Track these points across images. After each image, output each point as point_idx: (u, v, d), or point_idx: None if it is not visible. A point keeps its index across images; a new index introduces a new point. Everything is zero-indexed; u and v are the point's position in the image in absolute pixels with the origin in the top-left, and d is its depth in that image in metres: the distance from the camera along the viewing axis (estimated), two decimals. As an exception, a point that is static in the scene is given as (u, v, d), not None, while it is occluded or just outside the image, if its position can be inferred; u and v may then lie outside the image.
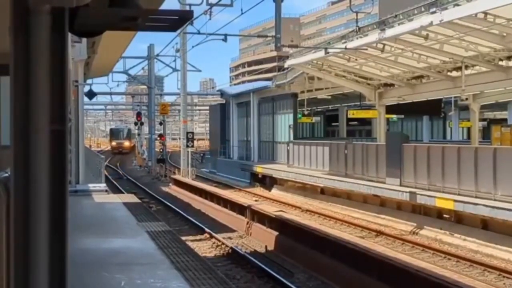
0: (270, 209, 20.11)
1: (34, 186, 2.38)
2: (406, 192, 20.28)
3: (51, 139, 2.39)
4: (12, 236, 2.41)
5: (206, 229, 19.85)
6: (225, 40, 23.79)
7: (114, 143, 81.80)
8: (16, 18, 2.39)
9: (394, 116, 35.41)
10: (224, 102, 47.86)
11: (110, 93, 55.26)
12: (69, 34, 2.60)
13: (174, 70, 46.03)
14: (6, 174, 3.35)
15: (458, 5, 16.96)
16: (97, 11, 2.73)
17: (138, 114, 52.80)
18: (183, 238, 16.54)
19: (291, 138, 34.21)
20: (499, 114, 40.70)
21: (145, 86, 54.60)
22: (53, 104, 2.41)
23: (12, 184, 2.41)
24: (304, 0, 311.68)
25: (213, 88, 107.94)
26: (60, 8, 2.39)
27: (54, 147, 2.40)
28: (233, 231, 20.61)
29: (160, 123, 52.39)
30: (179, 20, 3.00)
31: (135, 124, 53.97)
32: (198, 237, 19.29)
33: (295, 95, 34.71)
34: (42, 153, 2.38)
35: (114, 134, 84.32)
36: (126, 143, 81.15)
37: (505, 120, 36.62)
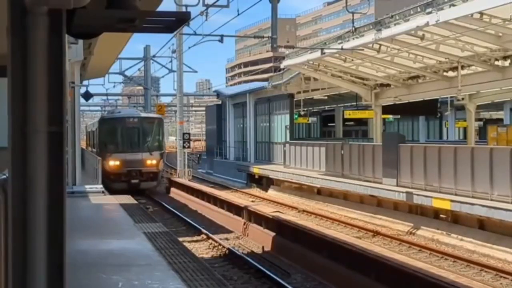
0: (267, 210, 20.10)
1: (32, 187, 2.37)
2: (402, 192, 20.27)
3: (49, 140, 2.39)
4: (10, 238, 2.40)
5: (203, 230, 19.84)
6: (221, 41, 23.76)
7: (113, 163, 30.58)
8: (13, 20, 2.37)
9: (390, 117, 35.48)
10: (220, 103, 47.82)
11: (107, 94, 55.23)
12: (66, 36, 2.58)
13: (171, 71, 46.00)
14: (4, 176, 3.34)
15: (454, 5, 16.97)
16: (95, 13, 2.71)
17: (135, 115, 52.40)
18: (180, 239, 16.55)
19: (288, 139, 34.20)
20: (495, 114, 40.82)
21: (141, 87, 54.53)
22: (51, 106, 2.40)
23: (10, 186, 2.40)
24: (300, 0, 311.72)
25: (209, 89, 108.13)
26: (57, 9, 2.38)
27: (52, 148, 2.40)
28: (230, 232, 20.59)
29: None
30: (176, 21, 3.01)
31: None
32: (195, 238, 19.27)
33: (291, 96, 34.71)
34: (40, 155, 2.37)
35: (110, 135, 32.52)
36: (150, 162, 31.44)
37: (501, 120, 36.73)
